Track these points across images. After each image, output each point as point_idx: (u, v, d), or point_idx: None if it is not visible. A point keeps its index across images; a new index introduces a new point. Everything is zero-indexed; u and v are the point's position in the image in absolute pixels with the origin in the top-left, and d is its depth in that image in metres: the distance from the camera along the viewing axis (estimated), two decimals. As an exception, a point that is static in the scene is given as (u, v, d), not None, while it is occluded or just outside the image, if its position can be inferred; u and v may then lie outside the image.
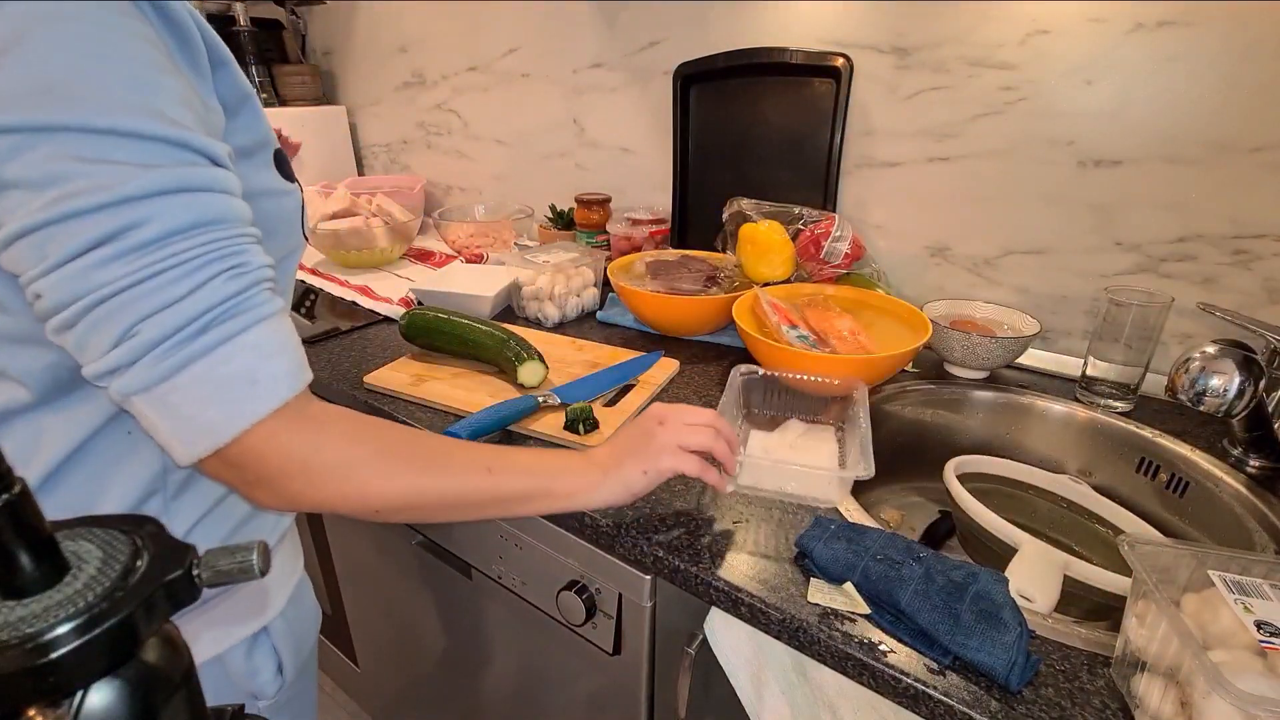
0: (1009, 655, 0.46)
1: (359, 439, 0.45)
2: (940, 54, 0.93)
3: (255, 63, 1.66)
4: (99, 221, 0.35)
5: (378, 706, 1.35)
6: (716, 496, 0.66)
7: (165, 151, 0.37)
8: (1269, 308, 0.81)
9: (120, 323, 0.36)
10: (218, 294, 0.38)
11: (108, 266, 0.35)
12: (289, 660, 0.60)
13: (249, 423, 0.39)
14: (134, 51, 0.37)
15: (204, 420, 0.39)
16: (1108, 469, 0.82)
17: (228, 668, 0.55)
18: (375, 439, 0.46)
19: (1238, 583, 0.44)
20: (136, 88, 0.36)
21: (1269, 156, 0.77)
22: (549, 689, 0.85)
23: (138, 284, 0.36)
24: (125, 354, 0.36)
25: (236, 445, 0.39)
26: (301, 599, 0.63)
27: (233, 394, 0.39)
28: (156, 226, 0.36)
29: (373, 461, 0.45)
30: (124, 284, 0.36)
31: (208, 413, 0.38)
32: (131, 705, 0.23)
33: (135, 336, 0.36)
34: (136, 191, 0.36)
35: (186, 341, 0.37)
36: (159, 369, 0.37)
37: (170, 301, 0.37)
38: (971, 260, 1.00)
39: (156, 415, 0.38)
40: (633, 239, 1.24)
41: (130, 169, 0.36)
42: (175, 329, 0.37)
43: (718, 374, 0.92)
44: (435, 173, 1.73)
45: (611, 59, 1.28)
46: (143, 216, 0.36)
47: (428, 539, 0.90)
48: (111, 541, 0.25)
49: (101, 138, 0.35)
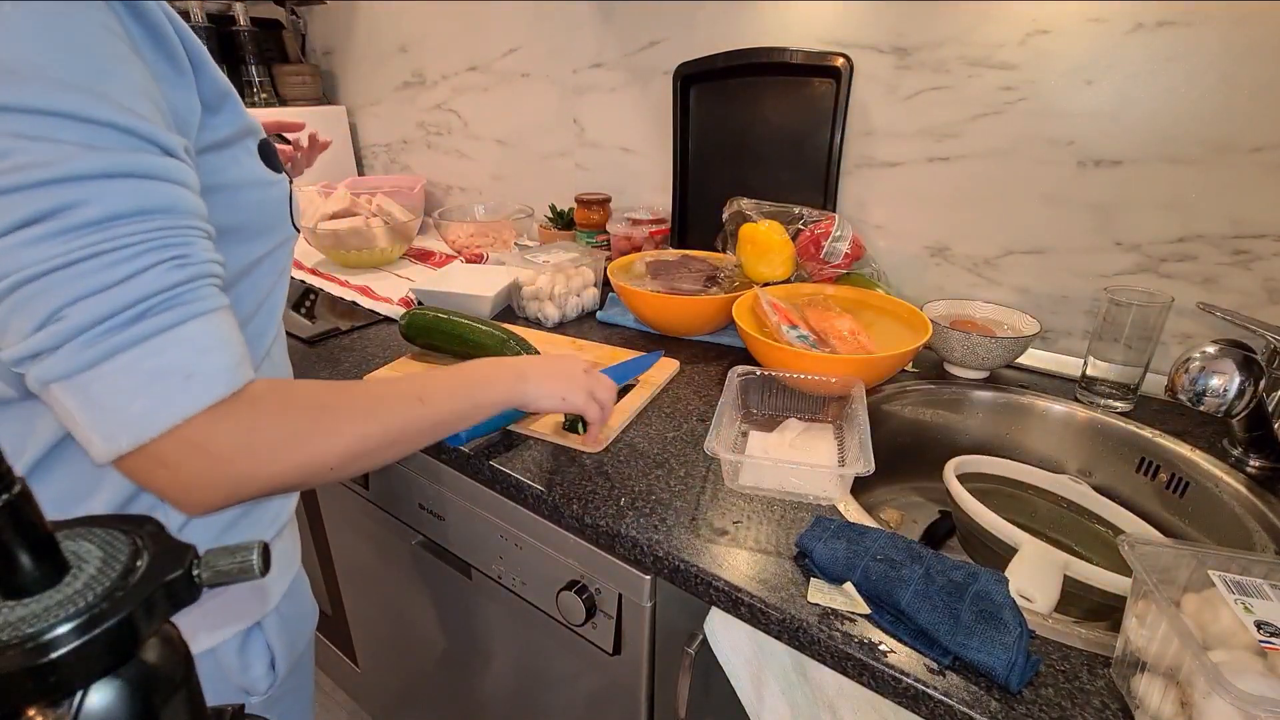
0: (1009, 655, 0.46)
1: (293, 405, 0.43)
2: (940, 54, 0.93)
3: (255, 63, 1.66)
4: (34, 198, 0.33)
5: (378, 706, 1.35)
6: (717, 496, 0.66)
7: (112, 136, 0.35)
8: (1269, 308, 0.81)
9: (46, 305, 0.34)
10: (156, 283, 0.36)
11: (38, 245, 0.34)
12: (282, 656, 0.60)
13: (180, 418, 0.37)
14: (91, 40, 0.36)
15: (129, 413, 0.36)
16: (1108, 469, 0.82)
17: (220, 662, 0.55)
18: (308, 401, 0.45)
19: (1238, 583, 0.44)
20: (88, 73, 0.35)
21: (1269, 156, 0.77)
22: (549, 689, 0.85)
23: (69, 265, 0.34)
24: (47, 338, 0.34)
25: (170, 437, 0.37)
26: (297, 595, 0.63)
27: (164, 387, 0.37)
28: (98, 208, 0.35)
29: (314, 424, 0.43)
30: (54, 264, 0.34)
31: (134, 405, 0.36)
32: (131, 705, 0.23)
33: (61, 321, 0.34)
34: (78, 171, 0.34)
35: (117, 330, 0.35)
36: (83, 356, 0.35)
37: (104, 286, 0.35)
38: (971, 260, 1.00)
39: (75, 405, 0.36)
40: (633, 239, 1.24)
41: (73, 149, 0.34)
42: (106, 315, 0.35)
43: (718, 374, 0.92)
44: (435, 173, 1.73)
45: (611, 59, 1.28)
46: (82, 197, 0.34)
47: (428, 539, 0.90)
48: (111, 541, 0.25)
49: (45, 118, 0.34)
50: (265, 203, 0.49)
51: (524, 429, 0.75)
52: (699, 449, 0.73)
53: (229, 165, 0.45)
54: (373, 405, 0.48)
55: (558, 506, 0.66)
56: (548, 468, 0.70)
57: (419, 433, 0.51)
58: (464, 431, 0.70)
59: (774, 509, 0.65)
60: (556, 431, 0.74)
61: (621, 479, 0.68)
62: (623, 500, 0.65)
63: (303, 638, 0.65)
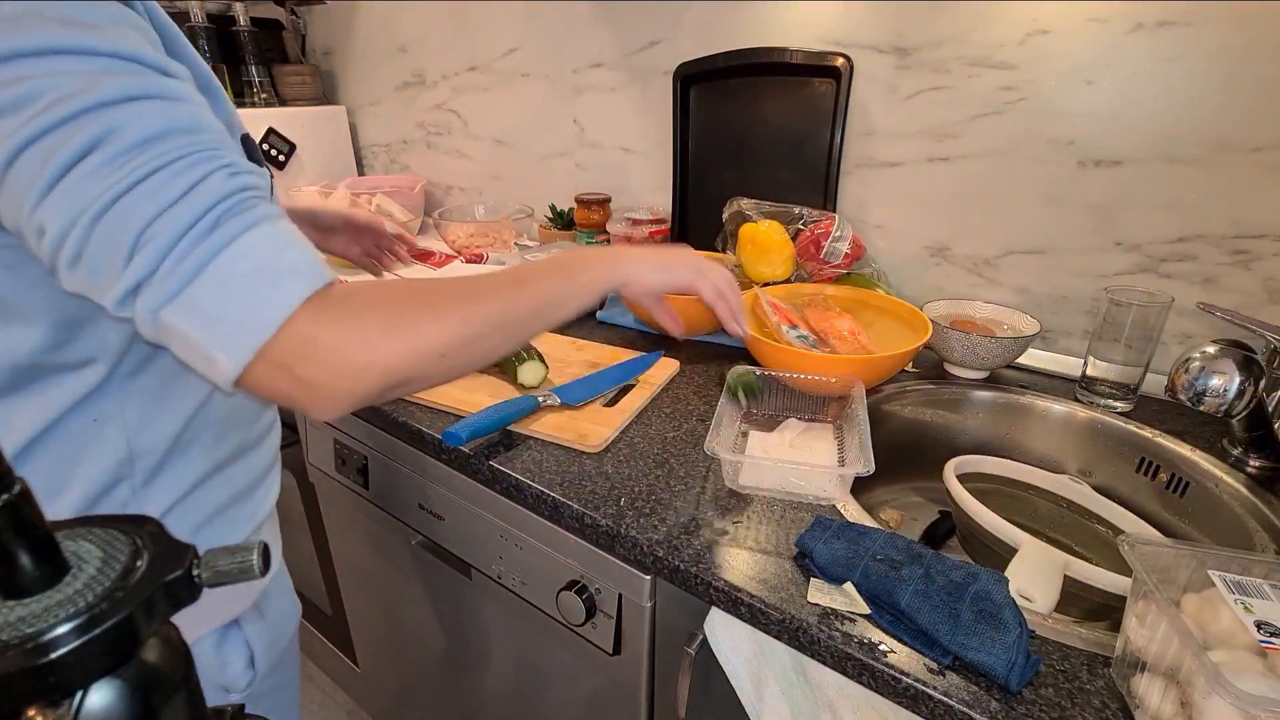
0: (1009, 655, 0.46)
1: (390, 296, 0.44)
2: (940, 54, 0.93)
3: (255, 63, 1.65)
4: (79, 128, 0.34)
5: (377, 706, 1.35)
6: (717, 496, 0.66)
7: (120, 64, 0.36)
8: (1269, 308, 0.81)
9: (127, 232, 0.35)
10: (219, 189, 0.37)
11: (99, 174, 0.34)
12: (261, 653, 0.59)
13: (289, 309, 0.37)
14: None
15: (240, 320, 0.37)
16: (1108, 469, 0.82)
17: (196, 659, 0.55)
18: (405, 292, 0.45)
19: (1238, 583, 0.44)
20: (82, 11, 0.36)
21: (1269, 156, 0.77)
22: (549, 689, 0.85)
23: (133, 186, 0.35)
24: (142, 264, 0.35)
25: (282, 336, 0.37)
26: (277, 592, 0.63)
27: (262, 285, 0.37)
28: (137, 129, 0.35)
29: (415, 309, 0.43)
30: (120, 188, 0.34)
31: (241, 310, 0.36)
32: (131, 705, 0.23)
33: (146, 245, 0.35)
34: (106, 97, 0.35)
35: (200, 238, 0.36)
36: (180, 272, 0.35)
37: (172, 200, 0.35)
38: (971, 260, 1.00)
39: (190, 326, 0.36)
40: (633, 239, 1.24)
41: (92, 76, 0.35)
42: (187, 227, 0.35)
43: (718, 374, 0.92)
44: (435, 173, 1.73)
45: (611, 59, 1.28)
46: (119, 121, 0.35)
47: (428, 539, 0.90)
48: (111, 541, 0.25)
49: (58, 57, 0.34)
50: None
51: (524, 429, 0.76)
52: (699, 449, 0.73)
53: None
54: (469, 290, 0.47)
55: (558, 506, 0.66)
56: (548, 468, 0.70)
57: (519, 317, 0.50)
58: (464, 431, 0.70)
59: (774, 509, 0.65)
60: (556, 432, 0.74)
61: (621, 479, 0.68)
62: (623, 500, 0.65)
63: (284, 635, 0.64)
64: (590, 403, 0.80)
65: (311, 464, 1.07)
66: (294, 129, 1.64)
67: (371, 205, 1.45)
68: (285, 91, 1.73)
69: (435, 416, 0.79)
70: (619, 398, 0.82)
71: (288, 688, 0.68)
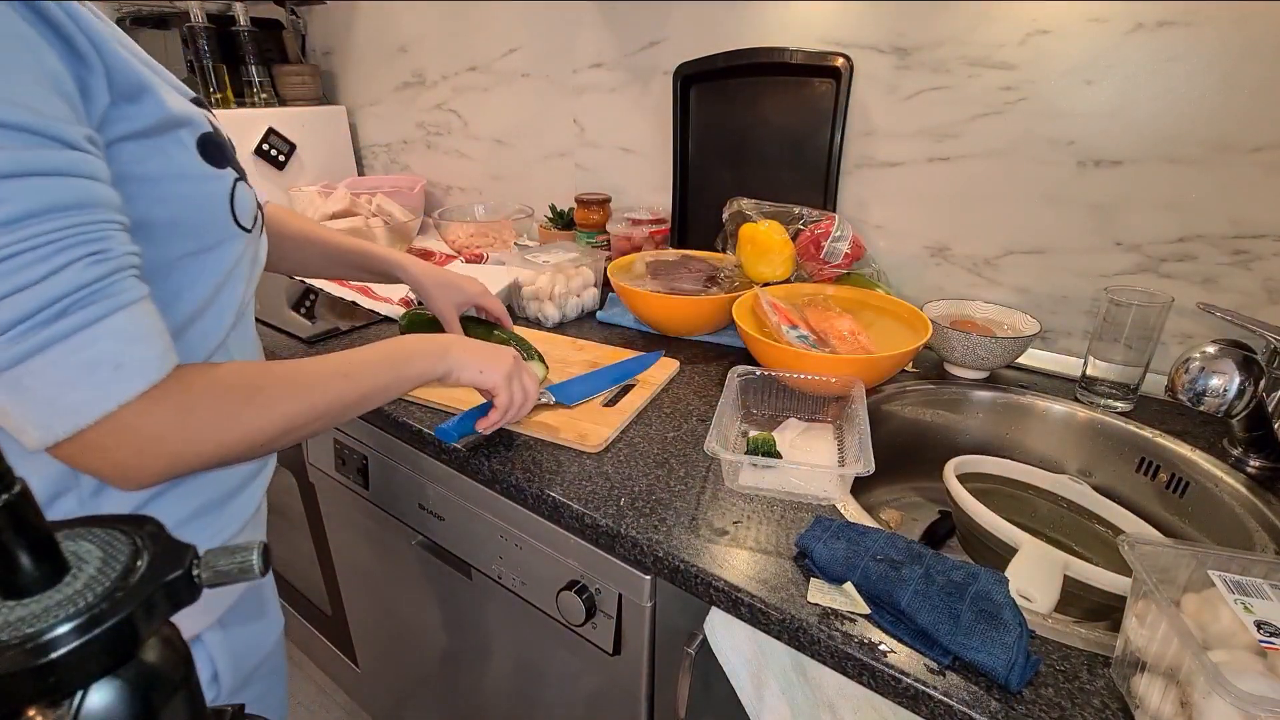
0: (1009, 655, 0.46)
1: (222, 387, 0.45)
2: (940, 54, 0.93)
3: (255, 63, 1.65)
4: None
5: (377, 706, 1.35)
6: (717, 496, 0.66)
7: (9, 135, 0.36)
8: (1269, 308, 0.81)
9: None
10: (76, 279, 0.37)
11: None
12: (227, 669, 0.58)
13: (114, 406, 0.39)
14: None
15: (63, 403, 0.38)
16: (1108, 469, 0.82)
17: None
18: (236, 382, 0.46)
19: (1238, 583, 0.44)
20: None
21: (1269, 156, 0.77)
22: (549, 689, 0.85)
23: None
24: None
25: (104, 425, 0.39)
26: (250, 606, 0.62)
27: (96, 377, 0.38)
28: (9, 208, 0.35)
29: (244, 404, 0.45)
30: None
31: (68, 396, 0.38)
32: (131, 705, 0.23)
33: None
34: None
35: (43, 325, 0.36)
36: (10, 352, 0.36)
37: (25, 285, 0.36)
38: (971, 260, 1.00)
39: (8, 399, 0.37)
40: (633, 239, 1.24)
41: None
42: (30, 313, 0.36)
43: (718, 374, 0.92)
44: (435, 173, 1.73)
45: (611, 59, 1.28)
46: None
47: (428, 539, 0.90)
48: (111, 542, 0.25)
49: None
50: (197, 198, 0.48)
51: (524, 429, 0.75)
52: (699, 449, 0.73)
53: (152, 155, 0.45)
54: (300, 383, 0.49)
55: (558, 506, 0.66)
56: (548, 468, 0.70)
57: (345, 406, 0.53)
58: (454, 429, 0.69)
59: (774, 509, 0.65)
60: (557, 432, 0.74)
61: (621, 479, 0.68)
62: (623, 500, 0.65)
63: (256, 651, 0.63)
64: (588, 402, 0.80)
65: (311, 464, 1.07)
66: (294, 129, 1.64)
67: (372, 205, 1.45)
68: (285, 91, 1.73)
69: (435, 416, 0.79)
70: (619, 398, 0.82)
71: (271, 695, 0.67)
